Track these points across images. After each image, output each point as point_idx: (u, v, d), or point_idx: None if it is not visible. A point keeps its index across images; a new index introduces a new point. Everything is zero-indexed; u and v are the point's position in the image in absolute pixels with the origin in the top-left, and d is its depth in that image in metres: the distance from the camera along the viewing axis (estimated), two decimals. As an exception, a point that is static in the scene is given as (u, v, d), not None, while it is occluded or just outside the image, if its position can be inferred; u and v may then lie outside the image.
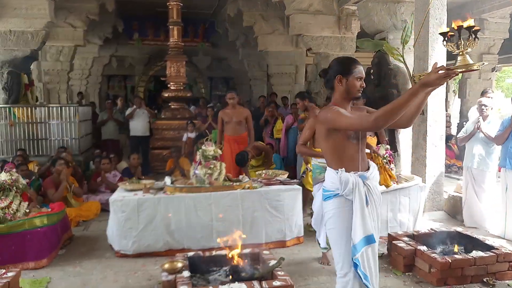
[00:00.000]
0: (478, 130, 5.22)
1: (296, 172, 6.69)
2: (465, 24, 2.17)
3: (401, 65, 5.95)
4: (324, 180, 2.65)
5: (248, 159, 6.03)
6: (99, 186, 6.49)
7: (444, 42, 2.32)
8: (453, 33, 2.26)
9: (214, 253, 3.77)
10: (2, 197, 4.17)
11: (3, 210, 4.12)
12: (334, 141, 2.48)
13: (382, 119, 2.21)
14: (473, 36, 2.17)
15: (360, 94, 2.60)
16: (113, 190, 5.97)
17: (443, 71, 2.06)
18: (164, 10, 10.07)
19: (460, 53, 2.18)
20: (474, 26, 2.16)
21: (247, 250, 3.71)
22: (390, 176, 4.63)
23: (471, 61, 2.12)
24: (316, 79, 9.72)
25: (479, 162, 5.25)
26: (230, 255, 3.47)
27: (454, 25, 2.20)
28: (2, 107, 7.67)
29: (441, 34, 2.33)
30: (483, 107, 5.26)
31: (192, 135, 8.24)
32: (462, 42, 2.17)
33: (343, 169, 2.45)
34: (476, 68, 2.12)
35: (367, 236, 2.42)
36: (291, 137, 7.78)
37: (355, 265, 2.41)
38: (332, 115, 2.42)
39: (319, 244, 4.17)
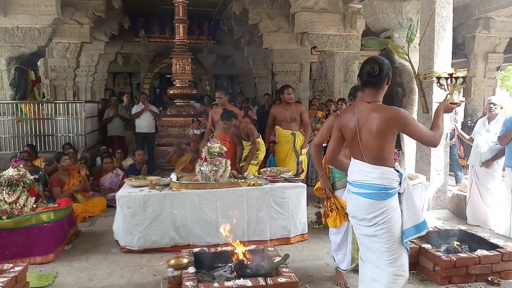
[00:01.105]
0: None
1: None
2: (458, 74, 2.85)
3: (406, 63, 5.96)
4: (345, 186, 2.89)
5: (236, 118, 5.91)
6: (100, 186, 6.53)
7: (438, 84, 2.97)
8: (447, 77, 2.87)
9: (219, 249, 3.80)
10: (9, 192, 4.22)
11: (10, 205, 4.16)
12: (393, 141, 2.63)
13: (440, 140, 2.62)
14: (463, 80, 2.88)
15: None
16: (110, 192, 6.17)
17: None
18: (170, 7, 10.11)
19: (449, 93, 2.88)
20: (465, 77, 2.87)
21: (252, 247, 3.73)
22: None
23: (456, 100, 2.86)
24: (320, 77, 9.73)
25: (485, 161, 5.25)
26: (235, 252, 3.49)
27: (446, 74, 2.88)
28: (9, 103, 7.73)
29: (436, 77, 3.00)
30: (491, 105, 5.26)
31: (197, 132, 8.28)
32: (452, 84, 2.87)
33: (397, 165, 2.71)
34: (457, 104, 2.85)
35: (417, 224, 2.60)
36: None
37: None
38: (412, 121, 2.54)
39: (339, 268, 3.68)
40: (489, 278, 3.68)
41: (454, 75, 2.85)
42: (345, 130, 2.70)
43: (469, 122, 9.86)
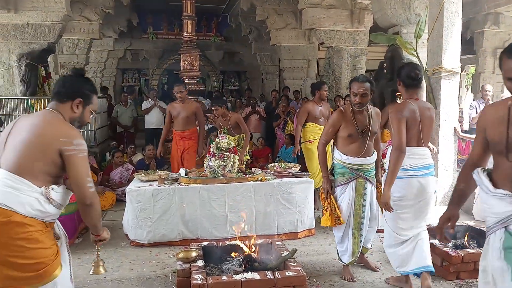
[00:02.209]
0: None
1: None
2: None
3: (415, 59, 5.94)
4: (348, 182, 3.59)
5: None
6: (109, 181, 6.59)
7: None
8: None
9: (227, 243, 3.84)
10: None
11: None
12: None
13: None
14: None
15: None
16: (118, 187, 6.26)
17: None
18: (178, 4, 10.14)
19: None
20: None
21: (260, 241, 3.77)
22: None
23: None
24: (328, 73, 9.72)
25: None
26: (243, 246, 3.53)
27: None
28: (20, 99, 7.82)
29: None
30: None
31: (206, 127, 8.31)
32: None
33: None
34: None
35: None
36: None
37: None
38: None
39: (341, 261, 3.75)
40: (497, 274, 3.67)
41: None
42: (411, 122, 3.25)
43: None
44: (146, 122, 9.05)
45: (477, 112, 6.20)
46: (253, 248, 3.50)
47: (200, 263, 3.36)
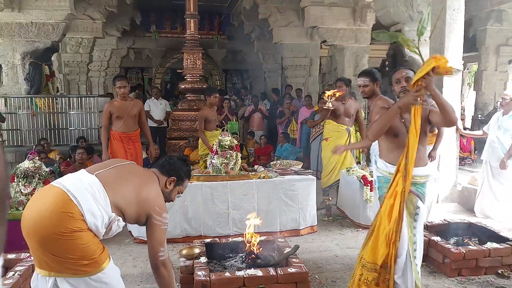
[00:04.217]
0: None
1: (309, 162, 6.74)
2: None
3: (417, 57, 5.93)
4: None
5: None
6: None
7: None
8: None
9: (230, 239, 3.87)
10: (25, 184, 4.32)
11: (26, 196, 4.27)
12: None
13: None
14: None
15: None
16: None
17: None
18: (181, 2, 10.16)
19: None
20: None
21: (262, 238, 3.79)
22: None
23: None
24: (330, 71, 9.73)
25: (499, 156, 5.19)
26: (246, 242, 3.55)
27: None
28: (24, 97, 7.87)
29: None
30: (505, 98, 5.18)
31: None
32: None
33: None
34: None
35: None
36: (304, 129, 7.86)
37: None
38: None
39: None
40: (499, 271, 3.68)
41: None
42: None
43: (479, 116, 9.78)
44: (149, 120, 9.08)
45: None
46: (256, 245, 3.52)
47: (203, 259, 3.38)
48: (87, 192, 2.14)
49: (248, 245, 3.49)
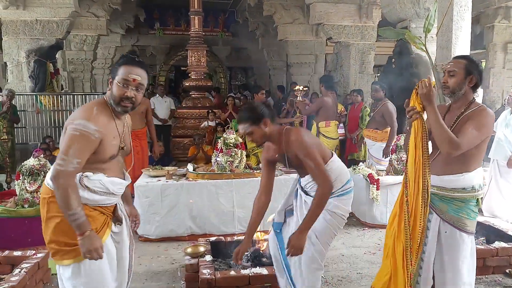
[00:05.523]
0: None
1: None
2: None
3: (423, 54, 5.90)
4: None
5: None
6: None
7: None
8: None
9: (235, 238, 3.85)
10: (30, 182, 4.31)
11: (31, 194, 4.26)
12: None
13: None
14: None
15: None
16: None
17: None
18: (185, -1, 10.13)
19: None
20: None
21: (267, 236, 3.77)
22: None
23: None
24: (336, 69, 9.67)
25: (507, 155, 5.11)
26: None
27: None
28: (29, 95, 7.89)
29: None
30: None
31: (212, 123, 8.33)
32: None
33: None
34: None
35: None
36: (309, 126, 7.78)
37: None
38: None
39: None
40: (507, 271, 3.65)
41: None
42: None
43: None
44: (154, 118, 9.07)
45: None
46: (261, 243, 3.51)
47: (208, 258, 3.38)
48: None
49: (253, 243, 3.48)
